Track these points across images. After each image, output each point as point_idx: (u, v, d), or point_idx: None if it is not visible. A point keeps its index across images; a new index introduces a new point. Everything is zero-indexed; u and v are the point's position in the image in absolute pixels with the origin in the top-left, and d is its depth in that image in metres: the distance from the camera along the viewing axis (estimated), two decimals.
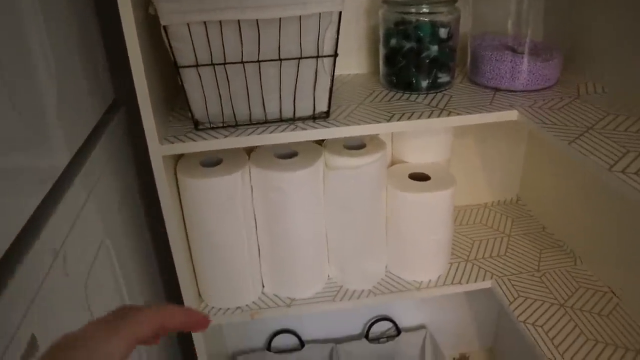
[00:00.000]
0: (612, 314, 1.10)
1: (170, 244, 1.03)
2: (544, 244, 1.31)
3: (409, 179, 1.14)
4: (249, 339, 1.64)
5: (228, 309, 1.16)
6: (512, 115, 1.00)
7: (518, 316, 1.09)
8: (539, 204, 1.42)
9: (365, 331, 1.65)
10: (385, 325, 1.67)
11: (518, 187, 1.49)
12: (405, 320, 1.67)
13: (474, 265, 1.23)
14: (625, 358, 0.99)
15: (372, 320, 1.64)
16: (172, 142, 0.92)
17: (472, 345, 1.81)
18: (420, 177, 1.15)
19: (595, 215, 1.18)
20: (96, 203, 0.86)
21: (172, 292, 1.16)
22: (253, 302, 1.17)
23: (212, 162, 1.06)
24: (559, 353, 1.00)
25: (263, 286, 1.20)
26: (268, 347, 1.63)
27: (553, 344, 1.02)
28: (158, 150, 0.92)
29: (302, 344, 1.63)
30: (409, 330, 1.66)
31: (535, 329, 1.06)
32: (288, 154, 1.08)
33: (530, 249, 1.29)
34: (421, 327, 1.68)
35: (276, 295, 1.18)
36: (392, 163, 1.23)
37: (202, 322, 0.45)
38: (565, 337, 1.04)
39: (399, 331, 1.65)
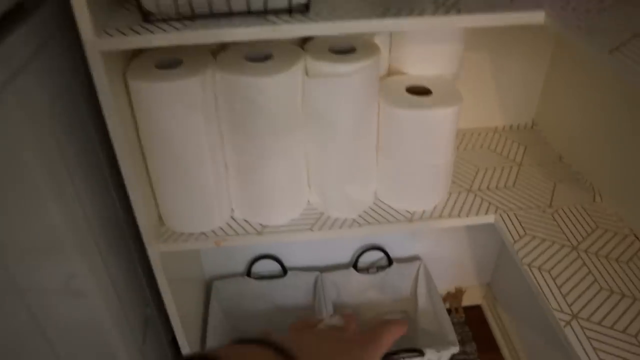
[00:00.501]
0: (632, 260, 0.94)
1: (118, 159, 0.87)
2: (559, 176, 1.14)
3: (406, 93, 0.95)
4: (228, 264, 1.51)
5: (191, 234, 1.01)
6: (537, 17, 0.80)
7: (522, 258, 0.94)
8: (558, 131, 1.23)
9: (354, 260, 1.52)
10: (375, 255, 1.53)
11: (535, 110, 1.30)
12: (397, 250, 1.53)
13: (476, 197, 1.08)
14: None
15: (362, 250, 1.51)
16: (112, 35, 0.74)
17: (469, 280, 1.68)
18: (419, 91, 0.97)
19: (622, 146, 1.01)
20: (15, 105, 0.69)
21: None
22: (220, 227, 1.03)
23: (170, 64, 0.88)
24: (567, 304, 0.86)
25: (232, 211, 1.05)
26: (248, 273, 1.51)
27: (561, 292, 0.88)
28: (94, 44, 0.74)
29: (284, 270, 1.50)
30: (402, 261, 1.53)
31: (542, 274, 0.91)
32: (261, 57, 0.89)
33: (543, 181, 1.13)
34: (415, 258, 1.55)
35: (246, 221, 1.04)
36: (389, 74, 1.04)
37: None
38: (575, 285, 0.89)
39: (390, 262, 1.52)
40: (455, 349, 1.29)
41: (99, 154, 1.02)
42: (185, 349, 1.22)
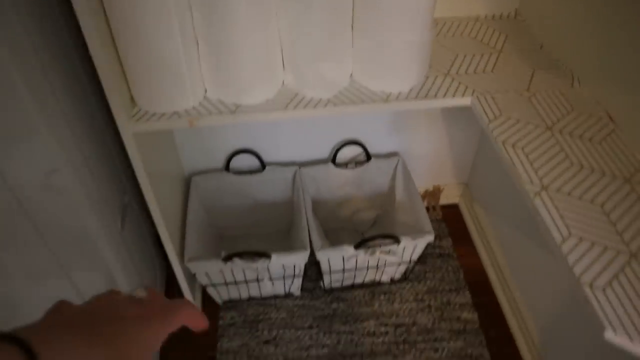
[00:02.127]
0: (605, 140, 0.95)
1: (85, 37, 0.84)
2: (539, 63, 1.13)
3: None
4: (207, 159, 1.51)
5: (164, 114, 1.00)
6: None
7: (497, 136, 0.94)
8: (540, 20, 1.21)
9: (332, 155, 1.52)
10: (354, 151, 1.53)
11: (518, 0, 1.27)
12: (376, 146, 1.53)
13: (454, 80, 1.06)
14: (611, 185, 0.86)
15: (341, 144, 1.50)
16: None
17: (447, 179, 1.70)
18: None
19: (602, 34, 0.99)
20: None
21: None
22: (193, 107, 1.01)
23: None
24: (538, 177, 0.87)
25: (206, 91, 1.03)
26: (227, 168, 1.50)
27: (532, 167, 0.88)
28: None
29: (263, 165, 1.50)
30: (380, 157, 1.53)
31: (515, 151, 0.91)
32: None
33: (522, 68, 1.11)
34: (393, 154, 1.55)
35: (220, 101, 1.02)
36: None
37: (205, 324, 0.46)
38: (547, 161, 0.90)
39: (369, 157, 1.52)
40: (430, 238, 1.31)
41: (68, 39, 0.99)
42: (165, 237, 1.22)
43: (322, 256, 1.30)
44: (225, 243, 1.58)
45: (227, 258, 1.25)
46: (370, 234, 1.59)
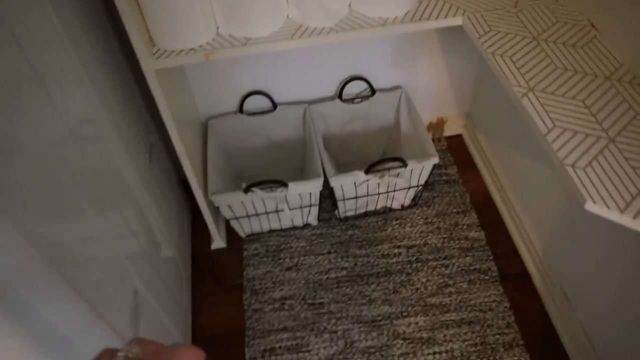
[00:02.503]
0: (587, 45, 1.03)
1: None
2: None
3: None
4: (221, 103, 1.60)
5: (181, 51, 1.09)
6: None
7: (487, 48, 1.02)
8: None
9: (338, 92, 1.61)
10: (360, 86, 1.62)
11: None
12: (380, 81, 1.61)
13: (446, 3, 1.14)
14: (592, 83, 0.94)
15: (346, 81, 1.59)
16: None
17: (450, 110, 1.78)
18: None
19: None
20: None
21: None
22: (207, 43, 1.10)
23: None
24: (525, 80, 0.95)
25: (218, 28, 1.12)
26: (240, 110, 1.60)
27: (520, 72, 0.97)
28: None
29: (274, 105, 1.59)
30: (384, 90, 1.62)
31: (503, 59, 1.00)
32: None
33: None
34: (397, 87, 1.63)
35: (232, 36, 1.11)
36: None
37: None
38: (533, 66, 0.98)
39: (373, 91, 1.60)
40: (435, 160, 1.40)
41: None
42: (189, 171, 1.32)
43: (335, 182, 1.40)
44: (244, 182, 1.68)
45: (247, 188, 1.36)
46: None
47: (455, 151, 1.78)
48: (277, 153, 1.69)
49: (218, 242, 1.58)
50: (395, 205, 1.60)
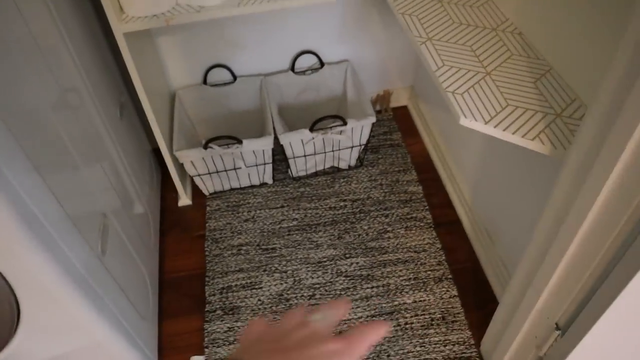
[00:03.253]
0: (482, 6, 1.23)
1: None
2: None
3: None
4: (188, 75, 1.78)
5: (146, 16, 1.28)
6: None
7: (398, 9, 1.22)
8: None
9: (291, 65, 1.80)
10: (310, 60, 1.81)
11: None
12: (328, 55, 1.81)
13: None
14: (480, 33, 1.14)
15: (298, 54, 1.78)
16: None
17: (395, 83, 1.98)
18: None
19: None
20: None
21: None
22: (168, 11, 1.29)
23: None
24: (425, 32, 1.15)
25: None
26: (204, 81, 1.78)
27: (423, 26, 1.17)
28: None
29: (234, 77, 1.78)
30: (332, 64, 1.81)
31: (411, 18, 1.20)
32: None
33: None
34: (344, 61, 1.83)
35: (189, 5, 1.30)
36: None
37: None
38: (434, 22, 1.18)
39: (322, 64, 1.80)
40: (372, 119, 1.60)
41: None
42: (156, 129, 1.50)
43: (285, 140, 1.59)
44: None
45: (206, 144, 1.54)
46: None
47: (400, 120, 1.98)
48: (238, 121, 1.87)
49: (184, 199, 1.76)
50: (343, 165, 1.79)
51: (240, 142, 1.56)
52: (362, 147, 1.73)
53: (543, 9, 1.07)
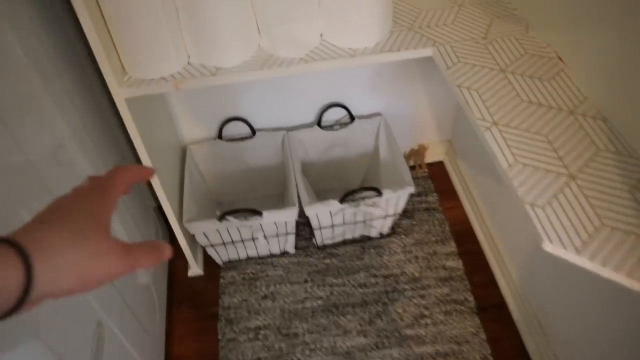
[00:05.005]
0: (553, 78, 1.02)
1: (77, 12, 0.93)
2: (497, 12, 1.20)
3: None
4: (201, 129, 1.60)
5: (152, 79, 1.09)
6: None
7: (454, 80, 1.02)
8: None
9: (317, 118, 1.61)
10: (339, 113, 1.62)
11: None
12: (359, 107, 1.62)
13: (417, 34, 1.14)
14: (556, 117, 0.94)
15: (325, 107, 1.59)
16: None
17: (431, 137, 1.78)
18: None
19: None
20: None
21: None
22: (178, 72, 1.10)
23: None
24: (489, 113, 0.95)
25: (189, 57, 1.12)
26: (220, 136, 1.59)
27: (485, 105, 0.97)
28: None
29: (253, 132, 1.59)
30: (364, 117, 1.62)
31: (469, 92, 0.99)
32: None
33: (480, 18, 1.19)
34: (376, 114, 1.63)
35: (203, 66, 1.11)
36: None
37: (148, 172, 0.52)
38: (499, 99, 0.98)
39: (352, 118, 1.60)
40: (410, 189, 1.39)
41: (64, 15, 1.09)
42: (163, 198, 1.32)
43: (311, 212, 1.39)
44: (222, 208, 1.68)
45: (222, 217, 1.35)
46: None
47: (436, 178, 1.78)
48: (257, 179, 1.68)
49: (195, 269, 1.57)
50: (374, 233, 1.59)
51: (259, 213, 1.36)
52: (397, 216, 1.52)
53: (630, 85, 0.86)
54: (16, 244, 0.37)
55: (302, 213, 1.40)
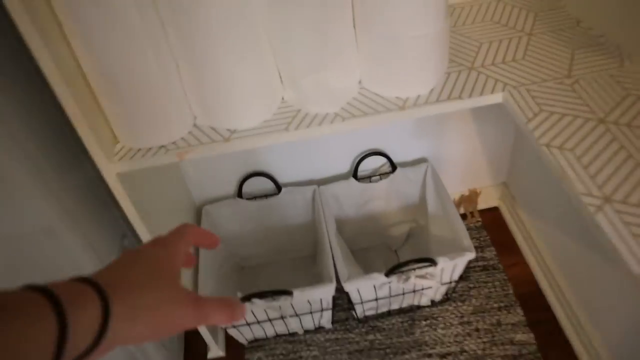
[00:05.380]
0: None
1: (45, 74, 0.72)
2: (578, 42, 0.96)
3: None
4: (217, 186, 1.38)
5: (150, 149, 0.87)
6: None
7: (539, 138, 0.78)
8: None
9: (353, 169, 1.37)
10: (377, 161, 1.38)
11: None
12: (401, 154, 1.38)
13: (480, 74, 0.90)
14: None
15: (362, 156, 1.35)
16: None
17: (483, 180, 1.53)
18: None
19: None
20: None
21: None
22: (182, 138, 0.88)
23: None
24: (597, 186, 0.70)
25: (195, 118, 0.90)
26: (239, 193, 1.37)
27: (587, 173, 0.72)
28: None
29: (278, 188, 1.36)
30: (407, 165, 1.38)
31: (563, 154, 0.75)
32: None
33: (558, 50, 0.95)
34: (421, 160, 1.39)
35: (213, 128, 0.89)
36: None
37: (213, 241, 0.51)
38: (605, 163, 0.73)
39: (394, 167, 1.36)
40: (471, 255, 1.15)
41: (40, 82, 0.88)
42: None
43: (350, 287, 1.15)
44: (246, 275, 1.45)
45: (246, 299, 1.12)
46: (404, 250, 1.45)
47: (491, 228, 1.52)
48: (284, 239, 1.45)
49: (215, 350, 1.33)
50: (424, 301, 1.34)
51: (290, 293, 1.12)
52: (452, 283, 1.27)
53: None
54: (94, 282, 0.37)
55: (339, 285, 1.17)
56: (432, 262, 1.12)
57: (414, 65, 0.84)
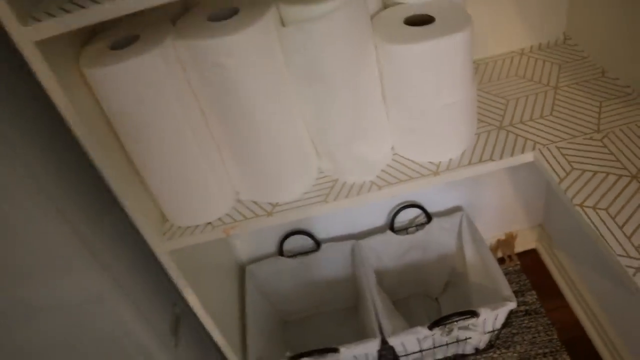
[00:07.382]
0: None
1: (95, 163, 0.77)
2: (605, 93, 0.98)
3: (405, 25, 0.81)
4: (259, 245, 1.42)
5: (197, 226, 0.91)
6: None
7: (572, 198, 0.80)
8: (595, 41, 1.06)
9: (390, 222, 1.40)
10: (413, 213, 1.40)
11: (565, 21, 1.12)
12: (435, 204, 1.40)
13: (509, 134, 0.93)
14: None
15: (397, 209, 1.38)
16: (41, 20, 0.63)
17: (519, 224, 1.54)
18: (421, 20, 0.81)
19: None
20: None
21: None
22: (227, 214, 0.92)
23: (126, 42, 0.76)
24: (634, 246, 0.72)
25: (237, 194, 0.94)
26: (280, 252, 1.41)
27: (624, 233, 0.73)
28: (24, 35, 0.63)
29: (318, 244, 1.39)
30: (442, 215, 1.40)
31: (598, 214, 0.77)
32: (226, 15, 0.76)
33: (585, 103, 0.97)
34: (456, 209, 1.41)
35: (255, 203, 0.93)
36: (384, 6, 0.89)
37: None
38: None
39: (429, 217, 1.39)
40: (512, 305, 1.16)
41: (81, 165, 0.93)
42: (224, 344, 1.14)
43: (395, 341, 1.17)
44: (291, 330, 1.48)
45: (294, 359, 1.15)
46: (444, 298, 1.46)
47: (531, 272, 1.52)
48: (325, 293, 1.47)
49: None
50: (469, 349, 1.34)
51: (336, 350, 1.14)
52: (495, 332, 1.28)
53: None
54: None
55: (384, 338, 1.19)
56: (474, 313, 1.13)
57: (444, 132, 0.87)
